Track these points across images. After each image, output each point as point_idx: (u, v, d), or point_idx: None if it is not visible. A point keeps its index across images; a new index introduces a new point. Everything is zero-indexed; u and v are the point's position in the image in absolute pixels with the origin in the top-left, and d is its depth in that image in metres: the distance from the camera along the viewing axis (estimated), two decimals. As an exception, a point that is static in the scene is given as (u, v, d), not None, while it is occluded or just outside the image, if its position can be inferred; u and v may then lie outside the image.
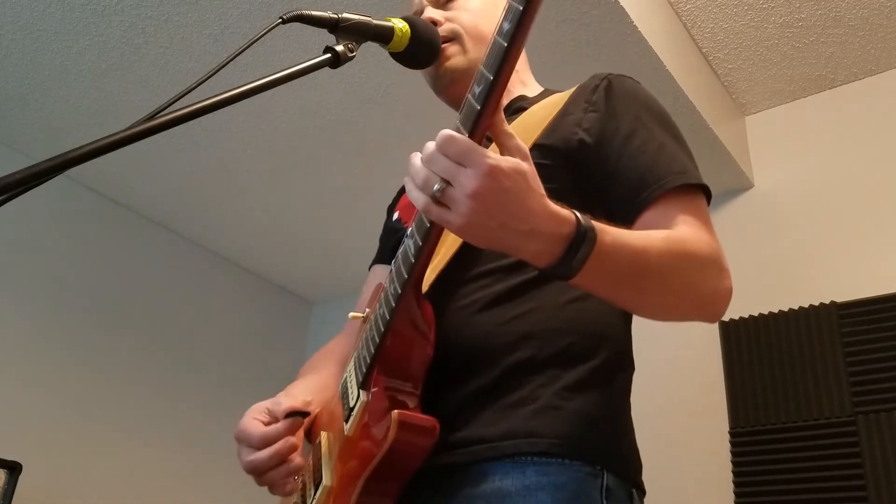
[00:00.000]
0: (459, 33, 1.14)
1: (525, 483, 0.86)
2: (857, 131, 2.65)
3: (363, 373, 0.93)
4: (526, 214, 0.74)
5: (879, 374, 2.21)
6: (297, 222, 3.34)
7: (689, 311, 0.93)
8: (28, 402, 2.78)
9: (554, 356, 0.93)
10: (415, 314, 0.90)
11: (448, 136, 0.73)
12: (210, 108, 0.75)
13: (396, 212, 1.20)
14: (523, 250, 0.78)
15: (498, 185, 0.72)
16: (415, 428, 0.84)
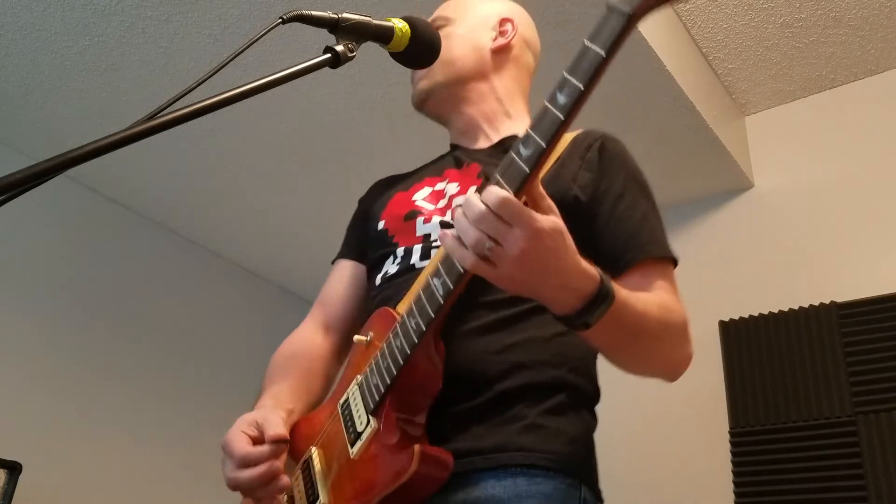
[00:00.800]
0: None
1: (516, 491, 0.94)
2: (857, 131, 2.65)
3: (374, 400, 0.96)
4: (561, 271, 0.83)
5: (879, 374, 2.21)
6: (297, 222, 3.34)
7: (659, 371, 1.06)
8: (28, 402, 2.78)
9: (541, 384, 1.02)
10: (431, 351, 0.95)
11: (503, 199, 0.77)
12: (210, 108, 0.75)
13: (382, 220, 1.23)
14: (548, 300, 0.86)
15: (542, 245, 0.79)
16: (434, 461, 0.91)
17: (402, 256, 1.15)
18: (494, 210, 0.77)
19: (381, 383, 0.95)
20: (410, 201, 1.21)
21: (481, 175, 1.16)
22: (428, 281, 0.89)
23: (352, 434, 0.98)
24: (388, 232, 1.20)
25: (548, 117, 0.78)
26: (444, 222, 1.04)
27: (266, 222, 3.36)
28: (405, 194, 1.24)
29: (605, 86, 1.21)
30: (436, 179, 1.24)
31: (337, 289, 1.32)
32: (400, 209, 1.21)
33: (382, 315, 1.03)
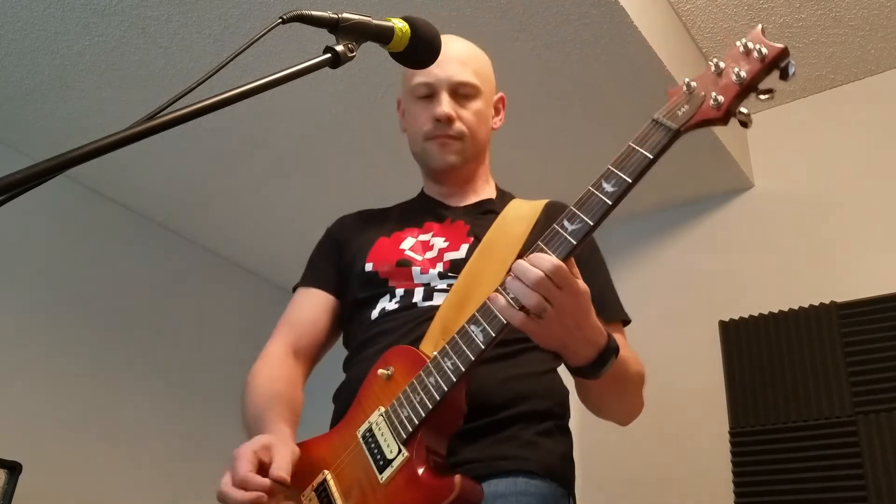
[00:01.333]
0: (465, 135, 1.33)
1: (516, 489, 1.07)
2: (857, 131, 2.65)
3: (407, 431, 1.03)
4: (586, 326, 0.98)
5: (879, 374, 2.21)
6: (297, 222, 3.34)
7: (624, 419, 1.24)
8: (28, 402, 2.78)
9: (536, 412, 1.16)
10: (463, 390, 1.05)
11: (559, 266, 0.92)
12: (210, 108, 0.75)
13: (369, 262, 1.30)
14: (574, 353, 1.01)
15: (581, 305, 0.96)
16: (472, 491, 0.99)
17: (401, 296, 1.24)
18: (549, 275, 0.91)
19: (415, 416, 1.03)
20: (398, 249, 1.29)
21: (471, 234, 1.28)
22: (465, 327, 1.01)
23: (380, 461, 1.04)
24: (378, 275, 1.28)
25: (594, 201, 0.95)
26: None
27: (266, 222, 3.36)
28: (389, 240, 1.33)
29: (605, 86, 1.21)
30: (417, 230, 1.33)
31: (309, 316, 1.39)
32: (388, 255, 1.29)
33: (405, 353, 1.11)
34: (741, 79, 0.94)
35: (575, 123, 2.59)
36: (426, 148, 1.36)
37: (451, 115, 1.30)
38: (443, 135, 1.32)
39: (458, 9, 2.20)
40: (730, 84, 0.95)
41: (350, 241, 1.41)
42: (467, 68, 1.34)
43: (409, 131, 1.43)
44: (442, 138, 1.32)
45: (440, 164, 1.35)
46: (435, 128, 1.32)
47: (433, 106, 1.32)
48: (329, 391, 1.35)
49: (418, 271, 1.25)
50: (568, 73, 2.37)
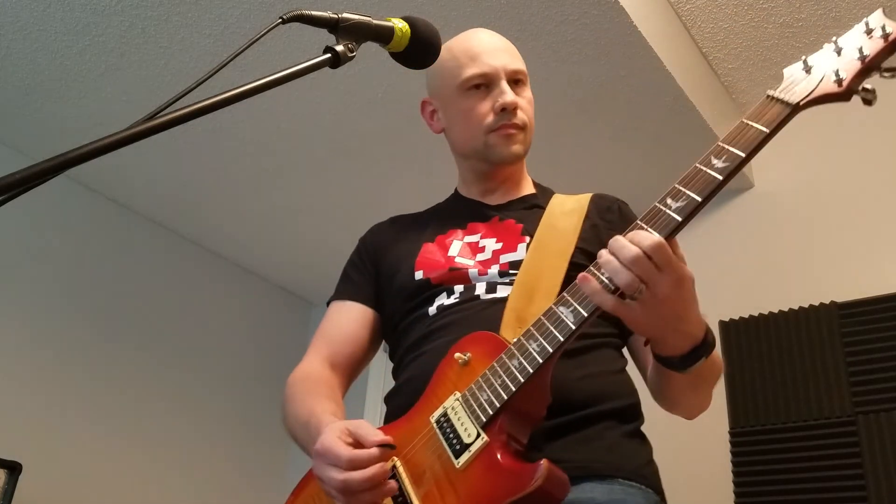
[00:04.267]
0: (527, 125, 1.28)
1: (612, 497, 1.01)
2: (857, 131, 2.65)
3: (487, 415, 0.97)
4: (688, 319, 0.91)
5: (879, 374, 2.21)
6: (297, 222, 3.34)
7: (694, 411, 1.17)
8: (28, 402, 2.78)
9: (617, 411, 1.11)
10: (548, 376, 0.98)
11: (659, 243, 0.85)
12: (210, 108, 0.74)
13: (419, 271, 1.24)
14: (666, 343, 0.93)
15: (684, 292, 0.87)
16: (558, 481, 0.92)
17: (461, 291, 1.19)
18: (649, 253, 0.84)
19: (496, 399, 0.96)
20: (447, 256, 1.24)
21: (525, 233, 1.22)
22: (553, 309, 0.95)
23: (456, 446, 0.98)
24: (430, 281, 1.22)
25: (702, 176, 0.90)
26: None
27: (266, 222, 3.36)
28: (434, 245, 1.27)
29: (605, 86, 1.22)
30: (461, 232, 1.28)
31: (345, 330, 1.32)
32: (438, 262, 1.24)
33: (485, 338, 1.05)
34: (864, 56, 0.94)
35: (575, 123, 2.59)
36: (489, 141, 1.26)
37: (517, 102, 1.25)
38: (509, 124, 1.25)
39: (458, 9, 2.20)
40: (852, 61, 0.96)
41: (388, 250, 1.34)
42: (516, 57, 1.30)
43: (456, 130, 1.33)
44: (507, 128, 1.25)
45: (506, 157, 1.27)
46: (499, 118, 1.24)
47: (494, 96, 1.25)
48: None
49: (476, 273, 1.20)
50: (568, 73, 2.37)
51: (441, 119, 1.36)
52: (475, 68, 1.26)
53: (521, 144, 1.28)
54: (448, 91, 1.31)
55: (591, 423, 1.07)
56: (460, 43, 1.32)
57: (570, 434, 1.05)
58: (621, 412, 1.11)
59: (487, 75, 1.25)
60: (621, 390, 1.14)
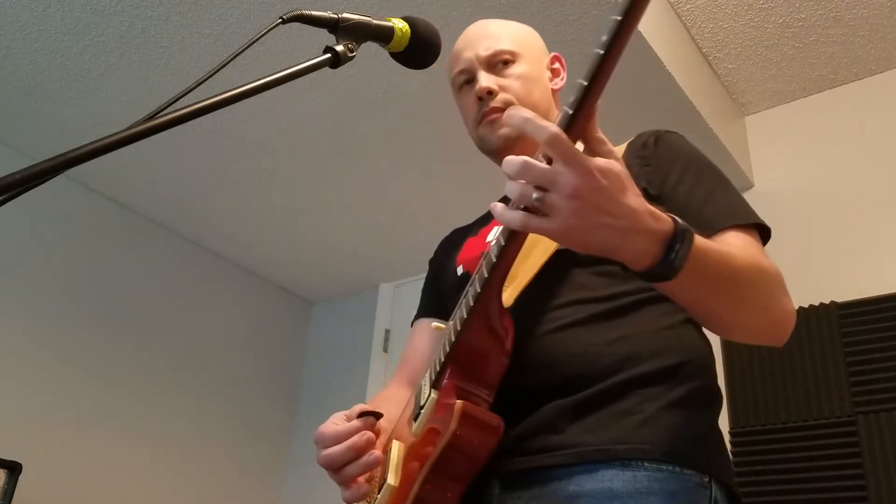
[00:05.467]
0: (513, 104, 1.20)
1: (636, 486, 0.88)
2: (857, 131, 2.65)
3: (435, 372, 0.94)
4: (625, 212, 0.76)
5: (879, 374, 2.21)
6: (297, 222, 3.34)
7: (764, 329, 0.98)
8: (28, 402, 2.78)
9: (657, 373, 0.96)
10: (494, 317, 0.91)
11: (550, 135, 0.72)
12: (210, 108, 0.75)
13: (459, 266, 1.20)
14: (623, 250, 0.78)
15: (597, 182, 0.73)
16: (477, 422, 0.85)
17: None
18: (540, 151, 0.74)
19: (443, 354, 0.94)
20: (484, 243, 1.20)
21: None
22: (486, 253, 0.88)
23: (417, 411, 0.97)
24: (469, 273, 1.15)
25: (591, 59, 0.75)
26: None
27: (266, 222, 3.36)
28: (476, 239, 1.24)
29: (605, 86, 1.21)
30: None
31: (418, 348, 1.30)
32: (475, 252, 1.19)
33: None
34: None
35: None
36: (479, 133, 1.22)
37: (489, 87, 1.19)
38: (488, 110, 1.19)
39: (458, 9, 2.20)
40: None
41: (447, 257, 1.32)
42: (498, 39, 1.25)
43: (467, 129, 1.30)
44: (488, 115, 1.20)
45: (497, 144, 1.20)
46: (479, 108, 1.21)
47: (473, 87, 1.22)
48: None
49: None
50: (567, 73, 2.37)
51: None
52: (456, 66, 1.26)
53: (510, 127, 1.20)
54: (454, 96, 1.31)
55: (624, 393, 0.94)
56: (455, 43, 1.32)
57: (598, 410, 0.93)
58: (667, 374, 0.96)
59: (465, 70, 1.24)
60: (668, 347, 0.99)
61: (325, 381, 3.76)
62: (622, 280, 1.01)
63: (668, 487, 0.88)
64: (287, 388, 3.79)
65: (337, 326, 3.89)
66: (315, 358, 3.90)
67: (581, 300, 1.01)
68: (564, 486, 0.90)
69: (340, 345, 3.79)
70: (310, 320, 4.02)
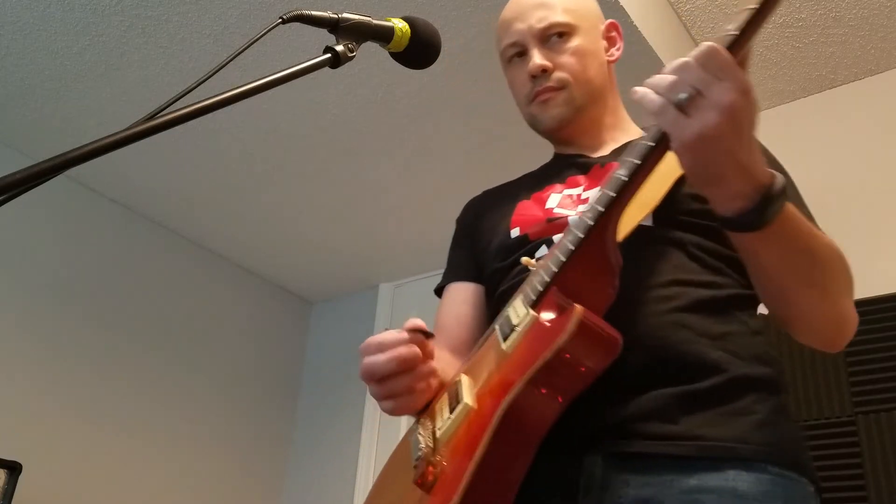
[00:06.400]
0: (569, 83, 1.16)
1: (761, 489, 0.86)
2: (856, 131, 2.65)
3: (537, 292, 0.87)
4: (752, 147, 0.75)
5: (879, 374, 2.21)
6: (297, 222, 3.34)
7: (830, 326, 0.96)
8: (28, 402, 2.78)
9: (756, 379, 0.94)
10: (609, 244, 0.85)
11: (711, 48, 0.71)
12: (210, 108, 0.75)
13: (515, 227, 1.13)
14: (729, 183, 0.77)
15: (749, 106, 0.73)
16: (596, 332, 0.78)
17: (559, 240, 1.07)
18: (699, 59, 0.72)
19: (547, 274, 0.87)
20: (545, 209, 1.12)
21: None
22: (610, 175, 0.84)
23: (506, 331, 0.89)
24: (528, 236, 1.11)
25: None
26: None
27: (266, 222, 3.36)
28: (529, 203, 1.16)
29: (605, 86, 1.22)
30: (562, 186, 1.15)
31: (454, 313, 1.22)
32: (536, 216, 1.12)
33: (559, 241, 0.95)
34: None
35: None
36: (531, 111, 1.18)
37: (543, 65, 1.14)
38: (542, 90, 1.15)
39: (459, 9, 2.20)
40: None
41: (482, 218, 1.24)
42: (552, 9, 1.18)
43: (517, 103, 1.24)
44: (541, 94, 1.15)
45: (550, 124, 1.17)
46: (533, 86, 1.16)
47: (526, 63, 1.17)
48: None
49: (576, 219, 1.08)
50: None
51: None
52: (506, 39, 1.20)
53: (565, 105, 1.16)
54: (502, 66, 1.25)
55: (738, 393, 0.91)
56: (502, 13, 1.24)
57: (713, 406, 0.89)
58: (770, 381, 0.95)
59: (517, 44, 1.18)
60: (766, 355, 0.98)
61: (324, 381, 3.76)
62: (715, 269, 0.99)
63: (789, 493, 0.87)
64: (287, 388, 3.79)
65: (337, 326, 3.89)
66: (315, 358, 3.90)
67: (681, 282, 0.97)
68: (684, 479, 0.86)
69: (340, 345, 3.79)
70: (309, 320, 4.02)
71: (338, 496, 3.39)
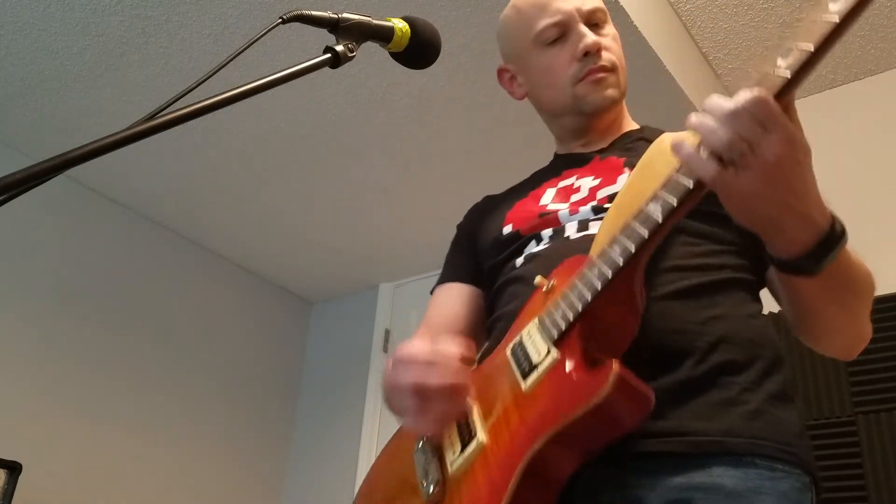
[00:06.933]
0: (617, 66, 1.15)
1: (748, 485, 0.83)
2: (857, 131, 2.65)
3: (559, 330, 0.85)
4: (805, 194, 0.75)
5: (879, 374, 2.21)
6: (297, 222, 3.34)
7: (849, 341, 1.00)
8: (28, 402, 2.78)
9: (749, 363, 0.92)
10: (636, 284, 0.83)
11: (762, 99, 0.69)
12: (210, 108, 0.75)
13: (508, 224, 1.13)
14: (784, 233, 0.77)
15: (796, 157, 0.72)
16: (633, 390, 0.76)
17: (550, 236, 1.06)
18: (751, 109, 0.70)
19: (570, 310, 0.84)
20: (539, 205, 1.12)
21: (628, 165, 1.06)
22: (641, 208, 0.80)
23: (524, 366, 0.87)
24: (520, 232, 1.11)
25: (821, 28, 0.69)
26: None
27: (266, 222, 3.36)
28: (526, 200, 1.16)
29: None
30: (556, 180, 1.15)
31: (444, 311, 1.21)
32: (529, 212, 1.12)
33: (573, 262, 0.92)
34: None
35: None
36: (577, 93, 1.14)
37: (599, 43, 1.12)
38: (596, 68, 1.12)
39: (459, 8, 2.20)
40: None
41: (482, 220, 1.24)
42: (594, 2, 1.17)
43: (541, 90, 1.21)
44: (595, 73, 1.12)
45: (601, 103, 1.14)
46: (583, 65, 1.12)
47: (573, 42, 1.13)
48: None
49: (566, 213, 1.07)
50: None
51: (522, 83, 1.24)
52: (547, 18, 1.15)
53: (615, 88, 1.14)
54: (524, 51, 1.20)
55: (728, 380, 0.89)
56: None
57: (701, 394, 0.87)
58: (764, 366, 0.93)
59: (561, 23, 1.14)
60: (762, 337, 0.95)
61: (324, 381, 3.76)
62: (707, 253, 0.97)
63: (779, 487, 0.85)
64: (287, 388, 3.79)
65: (337, 326, 3.88)
66: (315, 358, 3.90)
67: (673, 268, 0.96)
68: (671, 477, 0.84)
69: (340, 345, 3.79)
70: (309, 320, 4.02)
71: (338, 496, 3.39)
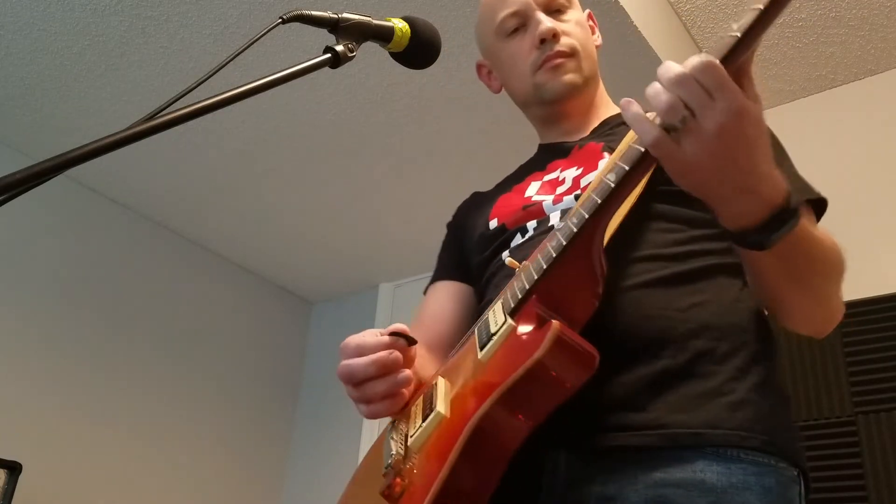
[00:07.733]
0: (577, 50, 1.13)
1: (731, 480, 0.80)
2: (857, 131, 2.65)
3: (517, 300, 0.84)
4: (753, 169, 0.72)
5: (879, 374, 2.21)
6: (297, 222, 3.34)
7: (819, 321, 0.95)
8: (28, 402, 2.78)
9: (735, 350, 0.88)
10: (595, 252, 0.82)
11: (709, 63, 0.68)
12: (210, 108, 0.74)
13: (493, 219, 1.12)
14: (729, 205, 0.75)
15: (744, 129, 0.69)
16: (573, 348, 0.74)
17: (534, 227, 1.05)
18: (696, 75, 0.69)
19: (528, 280, 0.83)
20: (523, 198, 1.11)
21: (607, 150, 1.05)
22: (601, 179, 0.79)
23: (483, 339, 0.86)
24: (505, 226, 1.10)
25: None
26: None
27: (266, 222, 3.36)
28: (511, 194, 1.15)
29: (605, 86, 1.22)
30: (540, 174, 1.14)
31: (434, 309, 1.20)
32: (514, 205, 1.11)
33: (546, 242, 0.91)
34: None
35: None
36: (537, 81, 1.13)
37: (555, 29, 1.11)
38: (553, 55, 1.11)
39: (458, 9, 2.20)
40: None
41: (469, 216, 1.23)
42: None
43: (509, 82, 1.20)
44: (552, 59, 1.11)
45: (560, 90, 1.13)
46: (541, 52, 1.12)
47: (531, 31, 1.13)
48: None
49: (550, 203, 1.05)
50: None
51: (497, 77, 1.24)
52: (506, 9, 1.16)
53: (575, 72, 1.12)
54: (491, 44, 1.21)
55: (710, 368, 0.85)
56: None
57: (681, 385, 0.84)
58: (752, 353, 0.89)
59: (519, 13, 1.15)
60: (750, 322, 0.91)
61: (324, 381, 3.76)
62: (689, 240, 0.96)
63: (763, 482, 0.81)
64: (287, 388, 3.79)
65: (337, 326, 3.88)
66: (315, 358, 3.90)
67: (651, 257, 0.94)
68: (649, 473, 0.81)
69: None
70: (309, 320, 4.02)
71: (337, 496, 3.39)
